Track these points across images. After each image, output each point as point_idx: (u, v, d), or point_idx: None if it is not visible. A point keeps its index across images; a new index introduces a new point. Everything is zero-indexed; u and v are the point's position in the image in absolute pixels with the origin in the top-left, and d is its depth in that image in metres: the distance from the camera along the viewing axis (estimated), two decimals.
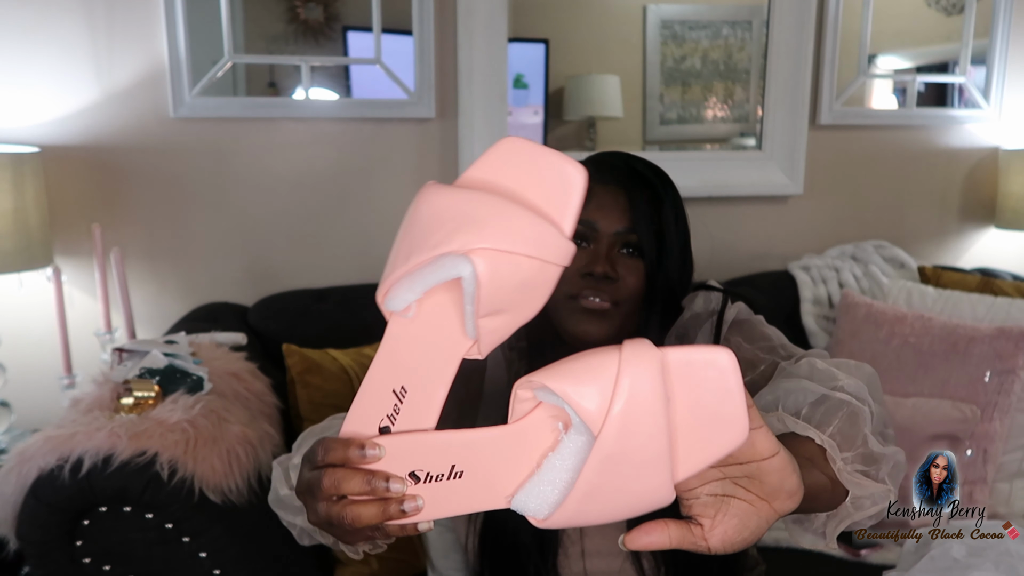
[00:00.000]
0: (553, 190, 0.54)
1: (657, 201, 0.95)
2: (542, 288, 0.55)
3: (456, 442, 0.55)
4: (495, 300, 0.53)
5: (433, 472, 0.55)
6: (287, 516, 0.80)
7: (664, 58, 2.00)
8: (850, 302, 1.81)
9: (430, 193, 0.55)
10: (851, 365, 0.83)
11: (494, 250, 0.51)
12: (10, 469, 1.02)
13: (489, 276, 0.51)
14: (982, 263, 2.25)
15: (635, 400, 0.50)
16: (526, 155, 0.55)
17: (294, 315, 1.63)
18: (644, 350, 0.51)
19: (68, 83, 1.59)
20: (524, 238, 0.52)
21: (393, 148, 1.79)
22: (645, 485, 0.52)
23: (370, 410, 0.56)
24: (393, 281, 0.55)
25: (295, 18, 1.71)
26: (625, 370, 0.50)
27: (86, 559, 1.03)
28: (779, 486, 0.57)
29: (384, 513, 0.54)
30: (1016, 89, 2.23)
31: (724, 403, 0.51)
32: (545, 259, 0.52)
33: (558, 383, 0.51)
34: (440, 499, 0.55)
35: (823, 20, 2.00)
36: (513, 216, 0.52)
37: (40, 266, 1.52)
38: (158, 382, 1.17)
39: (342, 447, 0.55)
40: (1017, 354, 1.55)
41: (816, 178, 2.09)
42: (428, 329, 0.56)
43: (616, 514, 0.53)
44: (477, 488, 0.55)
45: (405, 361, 0.56)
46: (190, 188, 1.69)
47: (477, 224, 0.51)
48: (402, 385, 0.56)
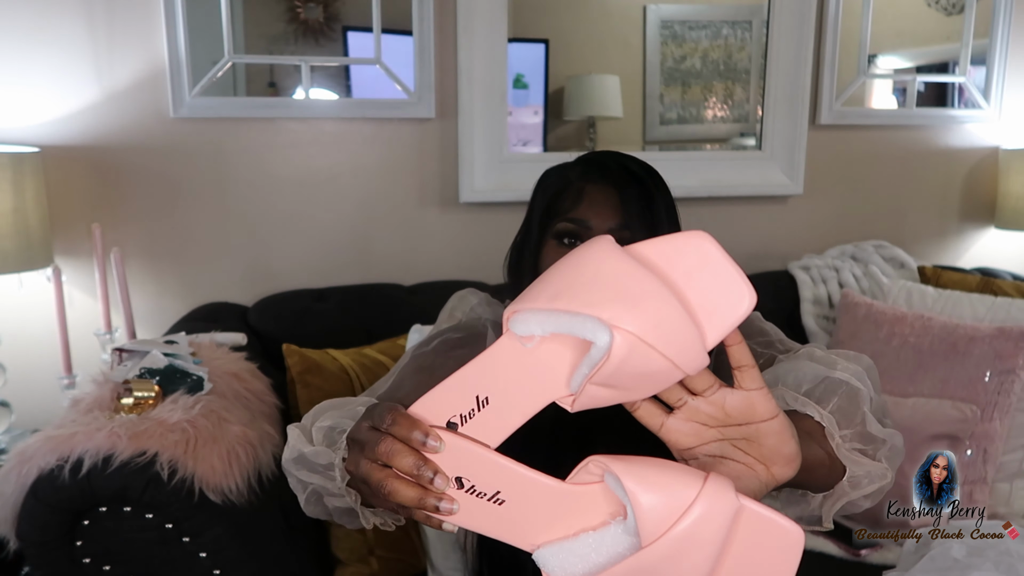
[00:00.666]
0: (719, 303, 0.54)
1: (648, 198, 0.96)
2: (662, 384, 0.55)
3: (512, 472, 0.55)
4: (614, 378, 0.52)
5: (478, 488, 0.55)
6: (303, 474, 0.78)
7: (664, 58, 2.00)
8: (850, 302, 1.81)
9: (604, 249, 0.54)
10: (850, 355, 0.84)
11: (637, 336, 0.50)
12: (10, 469, 1.02)
13: (621, 358, 0.51)
14: (982, 263, 2.25)
15: (695, 533, 0.50)
16: (709, 258, 0.54)
17: (294, 315, 1.63)
18: (726, 490, 0.52)
19: (68, 83, 1.59)
20: (669, 338, 0.51)
21: (393, 148, 1.79)
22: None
23: (448, 402, 0.56)
24: (528, 308, 0.54)
25: (295, 18, 1.71)
26: (701, 500, 0.51)
27: (86, 559, 1.03)
28: (777, 449, 0.57)
29: (420, 501, 0.55)
30: (1016, 89, 2.23)
31: (777, 569, 0.53)
32: (678, 364, 0.52)
33: (633, 484, 0.52)
34: (473, 513, 0.56)
35: (823, 20, 2.00)
36: (670, 314, 0.51)
37: (40, 266, 1.52)
38: (158, 382, 1.17)
39: (409, 425, 0.56)
40: (1017, 354, 1.55)
41: (816, 178, 2.09)
42: (538, 364, 0.56)
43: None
44: (510, 522, 0.56)
45: (501, 377, 0.56)
46: (190, 188, 1.69)
47: (634, 306, 0.51)
48: (487, 396, 0.56)
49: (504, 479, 0.55)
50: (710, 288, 0.54)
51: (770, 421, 0.57)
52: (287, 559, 1.19)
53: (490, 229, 1.84)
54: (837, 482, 0.72)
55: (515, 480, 0.55)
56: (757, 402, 0.57)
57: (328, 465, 0.75)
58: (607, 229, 0.95)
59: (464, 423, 0.56)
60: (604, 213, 0.95)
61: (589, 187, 0.96)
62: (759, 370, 0.58)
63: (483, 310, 1.08)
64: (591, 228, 0.94)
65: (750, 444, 0.57)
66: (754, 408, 0.57)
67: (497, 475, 0.55)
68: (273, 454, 1.21)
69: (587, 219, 0.95)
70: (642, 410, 0.60)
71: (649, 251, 0.55)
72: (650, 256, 0.55)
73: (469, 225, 1.86)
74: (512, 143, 1.88)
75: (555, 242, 0.96)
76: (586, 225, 0.95)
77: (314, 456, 0.76)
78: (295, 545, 1.24)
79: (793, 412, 0.73)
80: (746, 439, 0.57)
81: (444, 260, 1.85)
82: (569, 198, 0.96)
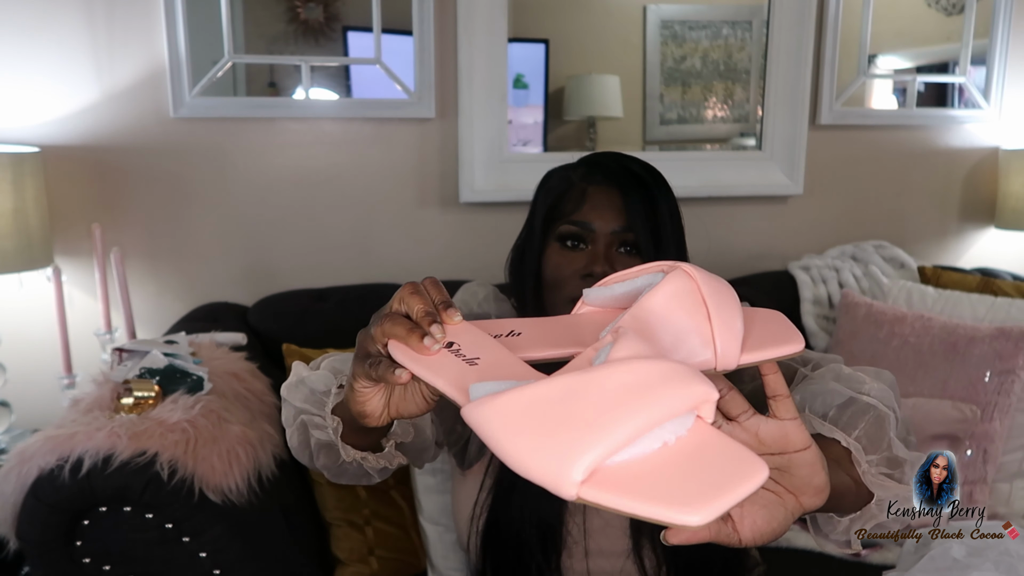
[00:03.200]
0: (771, 333, 0.60)
1: (651, 199, 0.96)
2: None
3: (500, 350, 0.56)
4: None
5: (463, 352, 0.56)
6: (298, 401, 0.78)
7: (664, 58, 2.00)
8: (850, 302, 1.81)
9: (682, 279, 0.58)
10: (870, 371, 0.83)
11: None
12: (10, 469, 1.02)
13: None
14: (982, 263, 2.25)
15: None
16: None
17: (294, 315, 1.63)
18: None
19: (68, 83, 1.59)
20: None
21: (393, 148, 1.79)
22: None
23: (486, 327, 0.59)
24: (604, 286, 0.62)
25: (295, 18, 1.71)
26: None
27: (86, 559, 1.03)
28: (808, 480, 0.57)
29: (410, 332, 0.57)
30: (1016, 89, 2.23)
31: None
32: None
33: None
34: (440, 364, 0.56)
35: (823, 20, 2.00)
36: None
37: (40, 266, 1.52)
38: (158, 382, 1.17)
39: (418, 300, 0.59)
40: (1017, 354, 1.54)
41: (816, 178, 2.09)
42: (585, 322, 0.61)
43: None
44: (470, 375, 0.54)
45: (540, 323, 0.60)
46: (190, 188, 1.69)
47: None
48: (512, 330, 0.60)
49: (488, 351, 0.56)
50: (769, 328, 0.59)
51: (803, 452, 0.56)
52: (287, 559, 1.19)
53: (490, 229, 1.84)
54: (863, 505, 0.71)
55: (498, 355, 0.56)
56: (791, 432, 0.56)
57: (325, 392, 0.76)
58: (610, 230, 0.95)
59: (468, 362, 0.57)
60: (607, 215, 0.95)
61: (592, 189, 0.96)
62: (792, 399, 0.58)
63: (490, 306, 1.08)
64: (594, 230, 0.95)
65: (781, 474, 0.57)
66: (788, 438, 0.56)
67: (484, 346, 0.57)
68: (273, 454, 1.21)
69: (590, 221, 0.95)
70: None
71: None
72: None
73: (469, 225, 1.86)
74: (512, 143, 1.88)
75: (558, 244, 0.96)
76: (589, 227, 0.95)
77: (313, 381, 0.77)
78: (295, 545, 1.24)
79: (819, 436, 0.72)
80: (778, 469, 0.57)
81: (444, 260, 1.85)
82: (572, 200, 0.96)
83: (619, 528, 0.98)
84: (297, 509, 1.31)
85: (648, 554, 0.98)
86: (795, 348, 0.57)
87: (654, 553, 0.97)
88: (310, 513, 1.39)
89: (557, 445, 0.44)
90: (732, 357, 0.55)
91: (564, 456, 0.44)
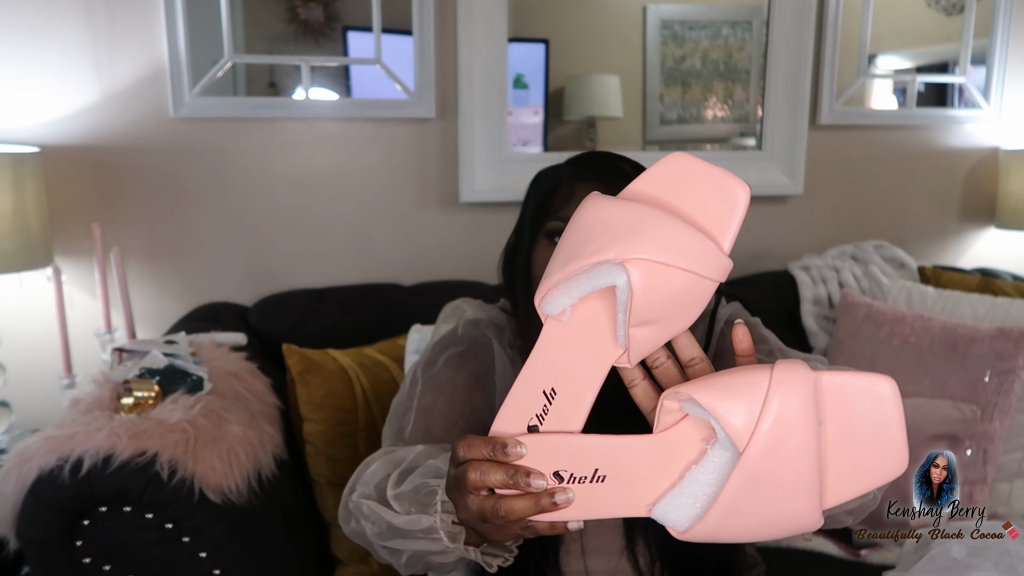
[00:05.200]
0: (715, 206, 0.54)
1: None
2: (696, 302, 0.55)
3: (601, 446, 0.56)
4: (647, 311, 0.53)
5: (576, 473, 0.56)
6: (397, 543, 0.77)
7: (664, 58, 2.00)
8: (850, 302, 1.81)
9: (593, 203, 0.56)
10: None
11: (650, 261, 0.51)
12: (10, 469, 1.02)
13: (643, 286, 0.52)
14: (982, 263, 2.25)
15: (783, 420, 0.50)
16: (692, 170, 0.55)
17: (294, 315, 1.63)
18: (797, 370, 0.51)
19: (68, 83, 1.59)
20: (680, 251, 0.52)
21: (393, 148, 1.79)
22: (791, 506, 0.51)
23: (521, 409, 0.58)
24: (551, 285, 0.56)
25: (295, 18, 1.71)
26: (775, 389, 0.50)
27: (86, 559, 1.03)
28: None
29: (537, 505, 0.56)
30: (1016, 89, 2.23)
31: (881, 431, 0.51)
32: (701, 273, 0.52)
33: (706, 397, 0.52)
34: (584, 499, 0.56)
35: (823, 20, 2.00)
36: (672, 229, 0.52)
37: (40, 266, 1.52)
38: (158, 382, 1.17)
39: (484, 444, 0.58)
40: (1017, 354, 1.54)
41: (816, 178, 2.09)
42: (581, 334, 0.57)
43: (759, 533, 0.53)
44: (618, 493, 0.56)
45: (557, 364, 0.58)
46: (190, 188, 1.69)
47: (635, 235, 0.52)
48: (552, 387, 0.58)
49: (597, 455, 0.56)
50: (703, 195, 0.55)
51: None
52: (287, 559, 1.19)
53: (490, 229, 1.84)
54: None
55: (607, 451, 0.56)
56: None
57: (429, 529, 0.72)
58: None
59: (543, 421, 0.58)
60: None
61: (579, 186, 0.96)
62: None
63: (480, 316, 1.07)
64: None
65: None
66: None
67: (589, 454, 0.56)
68: (273, 454, 1.21)
69: None
70: (639, 388, 0.61)
71: (637, 187, 0.56)
72: (639, 190, 0.56)
73: (469, 225, 1.86)
74: (512, 143, 1.88)
75: (547, 241, 0.96)
76: None
77: (411, 524, 0.74)
78: (295, 545, 1.24)
79: None
80: None
81: (444, 260, 1.85)
82: (560, 197, 0.97)
83: (613, 526, 0.98)
84: (297, 509, 1.31)
85: (642, 551, 0.98)
86: (743, 197, 0.55)
87: (647, 551, 0.98)
88: (310, 513, 1.39)
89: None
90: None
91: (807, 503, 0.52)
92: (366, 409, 1.45)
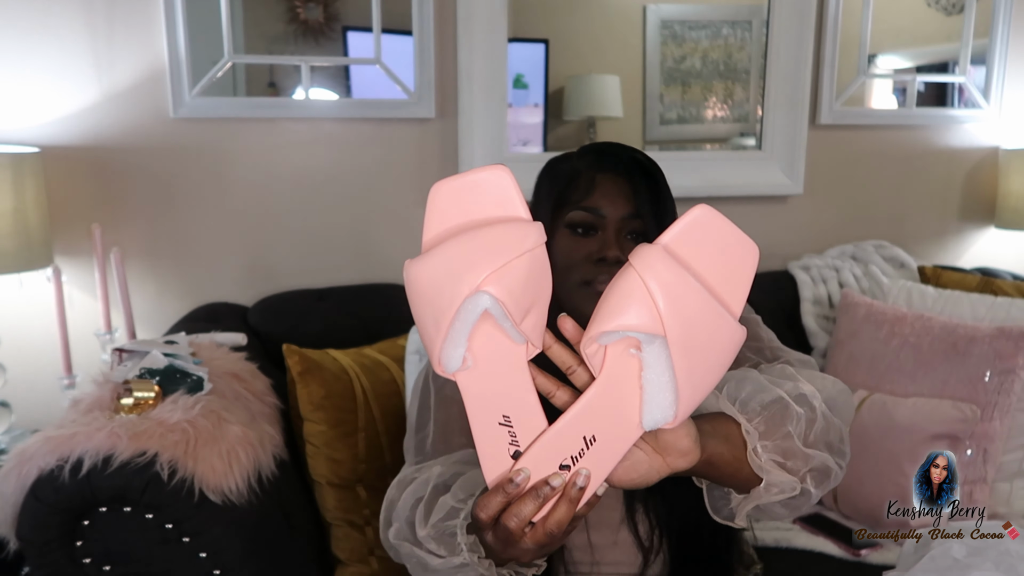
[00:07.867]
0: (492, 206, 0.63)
1: (657, 188, 0.98)
2: (543, 270, 0.62)
3: (574, 418, 0.62)
4: (520, 304, 0.60)
5: (575, 453, 0.62)
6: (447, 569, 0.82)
7: (664, 58, 2.00)
8: (850, 302, 1.81)
9: (413, 270, 0.61)
10: (827, 380, 0.87)
11: (493, 272, 0.58)
12: (10, 469, 1.02)
13: (506, 292, 0.58)
14: (982, 263, 2.25)
15: (670, 289, 0.58)
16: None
17: (294, 315, 1.63)
18: (646, 251, 0.59)
19: (68, 83, 1.59)
20: (501, 249, 0.59)
21: (393, 148, 1.79)
22: (722, 338, 0.60)
23: (495, 449, 0.64)
24: (439, 350, 0.61)
25: (295, 18, 1.71)
26: (646, 275, 0.58)
27: (86, 559, 1.03)
28: (672, 443, 0.65)
29: (572, 501, 0.62)
30: (1016, 89, 2.23)
31: (725, 239, 0.62)
32: (528, 249, 0.60)
33: (610, 322, 0.59)
34: (595, 465, 0.63)
35: (823, 20, 2.00)
36: (480, 240, 0.59)
37: (40, 266, 1.52)
38: (158, 382, 1.17)
39: (495, 494, 0.63)
40: (1017, 354, 1.54)
41: (816, 178, 2.09)
42: (490, 364, 0.63)
43: (718, 372, 0.62)
44: (613, 438, 0.63)
45: (490, 398, 0.63)
46: (190, 188, 1.69)
47: (466, 264, 0.58)
48: (503, 415, 0.63)
49: (576, 428, 0.62)
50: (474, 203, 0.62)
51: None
52: (287, 559, 1.19)
53: None
54: (755, 485, 0.77)
55: (581, 419, 0.62)
56: None
57: (461, 565, 0.78)
58: (620, 216, 0.96)
59: (518, 443, 0.63)
60: (617, 202, 0.96)
61: (600, 176, 0.97)
62: None
63: None
64: (604, 216, 0.96)
65: (649, 435, 0.64)
66: None
67: (571, 432, 0.62)
68: (273, 454, 1.21)
69: (600, 207, 0.96)
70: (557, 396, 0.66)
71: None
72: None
73: None
74: (512, 143, 1.88)
75: (568, 231, 0.97)
76: (599, 213, 0.96)
77: (444, 565, 0.79)
78: (295, 545, 1.24)
79: (724, 414, 0.78)
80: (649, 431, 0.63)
81: None
82: (580, 188, 0.97)
83: (615, 500, 1.00)
84: (297, 509, 1.31)
85: (642, 520, 1.00)
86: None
87: (647, 519, 0.99)
88: (310, 513, 1.39)
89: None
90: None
91: None
92: (366, 409, 1.45)
